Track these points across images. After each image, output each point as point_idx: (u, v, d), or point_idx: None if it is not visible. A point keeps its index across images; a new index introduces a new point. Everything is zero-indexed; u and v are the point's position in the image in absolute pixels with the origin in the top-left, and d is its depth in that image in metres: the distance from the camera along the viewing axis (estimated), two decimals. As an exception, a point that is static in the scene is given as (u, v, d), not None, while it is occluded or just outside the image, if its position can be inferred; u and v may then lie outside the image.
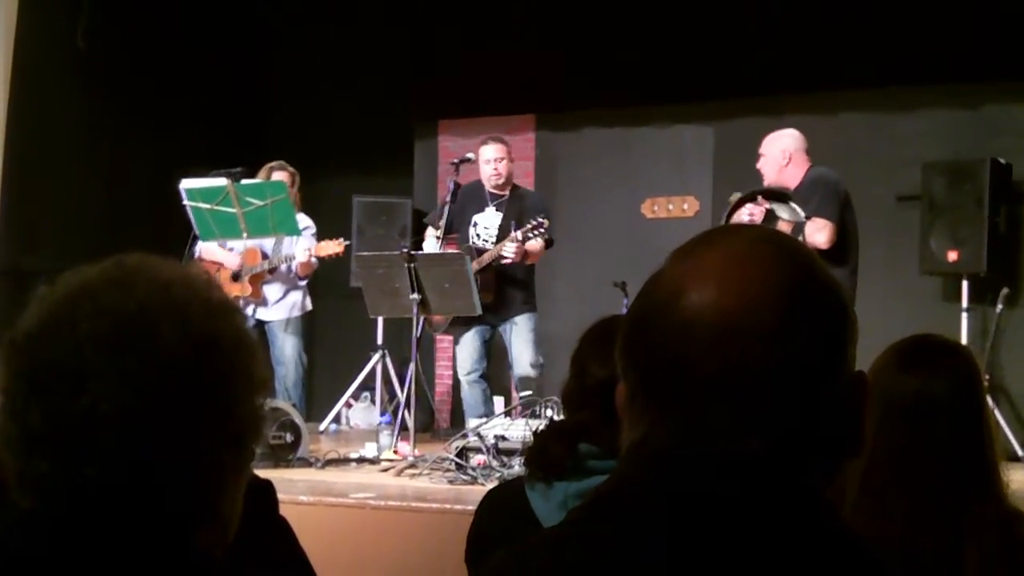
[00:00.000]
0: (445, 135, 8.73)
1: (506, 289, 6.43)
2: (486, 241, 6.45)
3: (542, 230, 6.16)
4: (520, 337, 6.45)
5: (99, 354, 1.00)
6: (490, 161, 6.48)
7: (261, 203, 6.02)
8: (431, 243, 6.55)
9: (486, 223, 6.52)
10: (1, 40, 6.50)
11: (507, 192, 6.55)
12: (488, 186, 6.53)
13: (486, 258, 6.30)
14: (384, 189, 8.51)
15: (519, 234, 6.16)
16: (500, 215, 6.49)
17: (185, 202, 6.09)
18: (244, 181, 6.09)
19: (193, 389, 1.03)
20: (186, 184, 6.09)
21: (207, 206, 6.05)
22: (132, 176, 7.62)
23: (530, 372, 6.32)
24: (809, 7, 7.39)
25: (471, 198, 6.59)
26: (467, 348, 6.55)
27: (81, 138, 7.50)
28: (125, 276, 1.05)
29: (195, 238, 6.19)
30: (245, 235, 6.13)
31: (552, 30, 8.04)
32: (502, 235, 6.38)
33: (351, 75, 8.52)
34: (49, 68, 7.21)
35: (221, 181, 6.03)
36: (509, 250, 6.21)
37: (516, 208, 6.45)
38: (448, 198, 6.36)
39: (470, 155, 6.58)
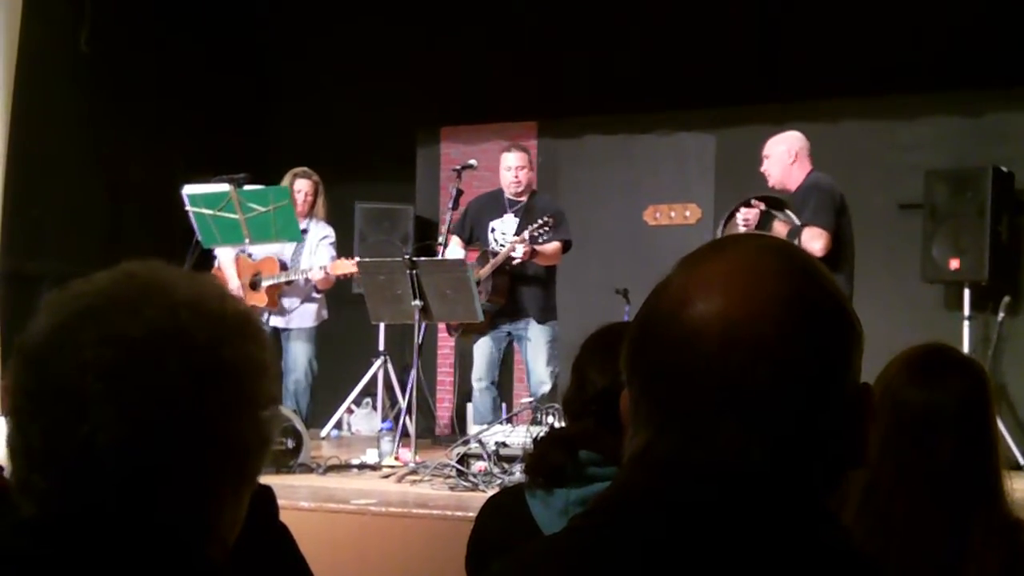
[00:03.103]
0: (447, 141, 8.74)
1: (520, 293, 6.44)
2: (502, 246, 6.47)
3: (547, 228, 6.19)
4: (535, 351, 6.44)
5: (100, 382, 1.00)
6: (511, 168, 6.51)
7: (264, 209, 6.02)
8: (455, 250, 6.58)
9: (504, 228, 6.55)
10: (4, 44, 6.50)
11: (525, 198, 6.57)
12: (508, 193, 6.56)
13: (498, 259, 6.32)
14: (386, 195, 8.52)
15: (526, 233, 6.20)
16: (517, 220, 6.51)
17: (188, 207, 6.09)
18: (247, 187, 6.10)
19: (195, 418, 1.02)
20: (188, 189, 6.09)
21: (209, 212, 6.05)
22: (135, 181, 7.62)
23: (544, 387, 6.31)
24: (811, 15, 7.40)
25: (490, 205, 6.63)
26: (481, 354, 6.56)
27: (84, 142, 7.50)
28: (134, 295, 1.04)
29: (198, 244, 6.19)
30: (248, 240, 6.14)
31: (554, 37, 8.04)
32: None
33: (354, 81, 8.52)
34: (52, 72, 7.21)
35: (224, 187, 6.03)
36: (518, 251, 6.22)
37: (531, 212, 6.47)
38: (451, 205, 6.37)
39: (472, 161, 6.60)
